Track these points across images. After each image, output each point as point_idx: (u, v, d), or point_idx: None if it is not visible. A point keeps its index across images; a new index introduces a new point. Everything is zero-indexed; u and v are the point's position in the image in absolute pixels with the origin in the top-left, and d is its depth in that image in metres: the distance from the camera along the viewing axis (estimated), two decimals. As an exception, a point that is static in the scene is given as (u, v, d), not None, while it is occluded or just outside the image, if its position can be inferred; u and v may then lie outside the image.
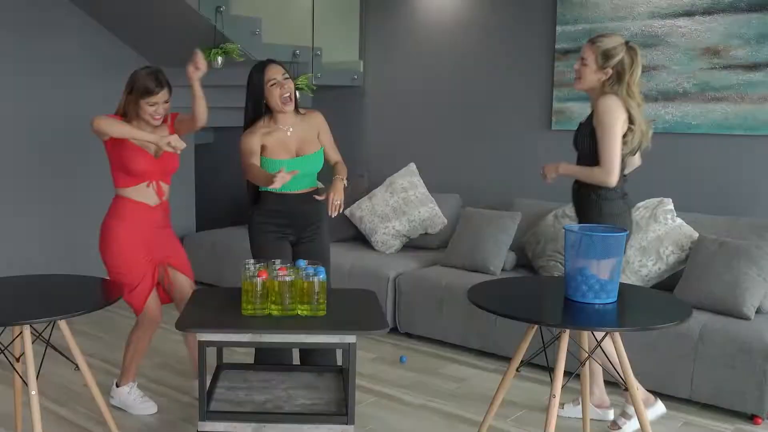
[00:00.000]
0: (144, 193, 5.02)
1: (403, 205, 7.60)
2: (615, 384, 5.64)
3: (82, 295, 4.41)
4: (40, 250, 8.06)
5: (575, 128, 5.04)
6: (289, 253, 5.10)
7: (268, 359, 5.09)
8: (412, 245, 7.79)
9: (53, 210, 8.15)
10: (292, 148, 4.99)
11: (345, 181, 4.91)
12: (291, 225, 5.07)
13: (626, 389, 4.20)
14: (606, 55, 4.75)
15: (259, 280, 4.10)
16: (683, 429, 5.17)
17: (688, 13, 6.41)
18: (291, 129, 5.01)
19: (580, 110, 6.90)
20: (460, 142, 7.95)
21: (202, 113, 5.07)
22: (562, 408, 5.33)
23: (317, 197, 4.95)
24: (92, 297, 4.30)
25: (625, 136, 4.77)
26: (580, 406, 5.22)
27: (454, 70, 7.96)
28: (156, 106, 4.91)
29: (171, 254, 5.22)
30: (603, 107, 4.75)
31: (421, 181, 7.83)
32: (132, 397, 5.33)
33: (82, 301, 4.22)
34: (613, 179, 4.75)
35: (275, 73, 4.89)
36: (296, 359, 5.35)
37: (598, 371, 5.24)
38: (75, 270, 8.02)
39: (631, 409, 5.08)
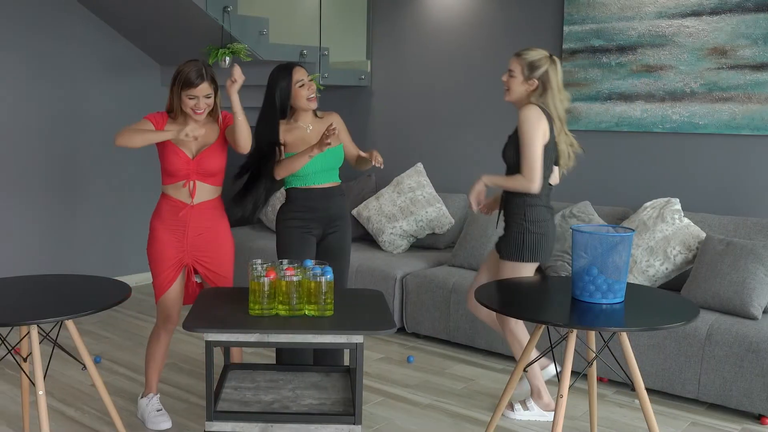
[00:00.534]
0: (180, 192, 4.97)
1: (410, 205, 7.60)
2: (622, 384, 5.65)
3: (89, 295, 4.40)
4: (46, 250, 8.07)
5: (583, 129, 5.07)
6: (314, 248, 5.28)
7: (291, 359, 5.26)
8: (419, 245, 7.80)
9: (59, 210, 8.17)
10: (312, 144, 5.11)
11: None
12: (316, 219, 5.23)
13: (633, 389, 4.20)
14: (531, 67, 4.95)
15: (266, 280, 4.09)
16: (690, 429, 5.16)
17: (696, 13, 6.40)
18: (311, 126, 5.23)
19: (587, 110, 6.91)
20: (468, 142, 7.94)
21: (242, 140, 4.89)
22: (512, 411, 5.37)
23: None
24: (99, 297, 4.28)
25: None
26: (528, 411, 5.35)
27: (461, 70, 7.96)
28: (196, 99, 4.82)
29: (204, 258, 5.08)
30: (523, 117, 4.91)
31: (429, 180, 7.83)
32: (148, 409, 5.16)
33: (90, 300, 4.20)
34: (536, 186, 4.88)
35: (302, 74, 5.17)
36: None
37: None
38: (81, 270, 8.05)
39: (531, 402, 5.29)
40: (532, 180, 4.86)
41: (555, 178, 5.21)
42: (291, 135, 5.18)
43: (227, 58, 7.14)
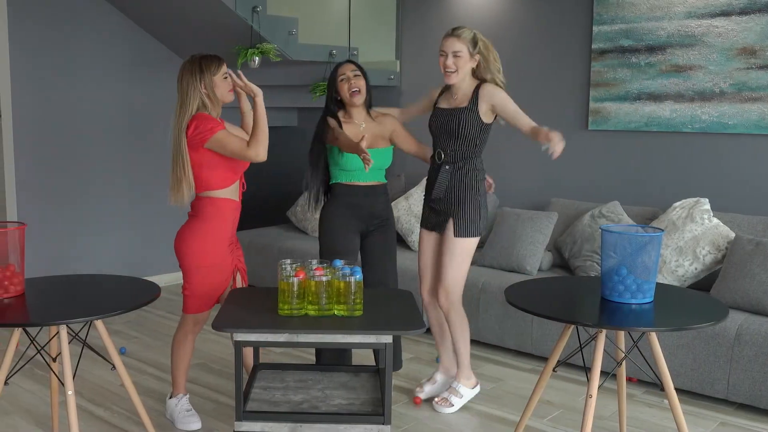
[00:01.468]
0: (235, 190, 4.88)
1: (438, 205, 7.59)
2: (651, 384, 5.64)
3: (118, 295, 4.41)
4: (72, 250, 8.11)
5: (612, 128, 5.04)
6: (358, 244, 5.46)
7: (329, 359, 5.46)
8: (447, 245, 7.78)
9: (85, 210, 8.22)
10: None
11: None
12: (358, 216, 5.40)
13: (662, 389, 4.18)
14: (474, 42, 5.10)
15: (295, 280, 4.09)
16: (719, 429, 5.14)
17: (725, 13, 6.37)
18: (363, 124, 5.43)
19: (616, 110, 6.88)
20: (497, 142, 7.92)
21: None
22: (422, 389, 5.61)
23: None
24: (129, 296, 4.29)
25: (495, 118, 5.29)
26: (434, 385, 5.59)
27: (489, 70, 7.95)
28: (228, 76, 4.83)
29: (239, 254, 5.08)
30: (497, 93, 5.16)
31: (457, 181, 7.82)
32: (177, 409, 5.13)
33: (119, 300, 4.21)
34: None
35: (346, 69, 5.42)
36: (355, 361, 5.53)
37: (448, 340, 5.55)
38: (107, 271, 8.09)
39: (462, 389, 5.43)
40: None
41: None
42: (345, 128, 5.35)
43: (256, 58, 7.15)
